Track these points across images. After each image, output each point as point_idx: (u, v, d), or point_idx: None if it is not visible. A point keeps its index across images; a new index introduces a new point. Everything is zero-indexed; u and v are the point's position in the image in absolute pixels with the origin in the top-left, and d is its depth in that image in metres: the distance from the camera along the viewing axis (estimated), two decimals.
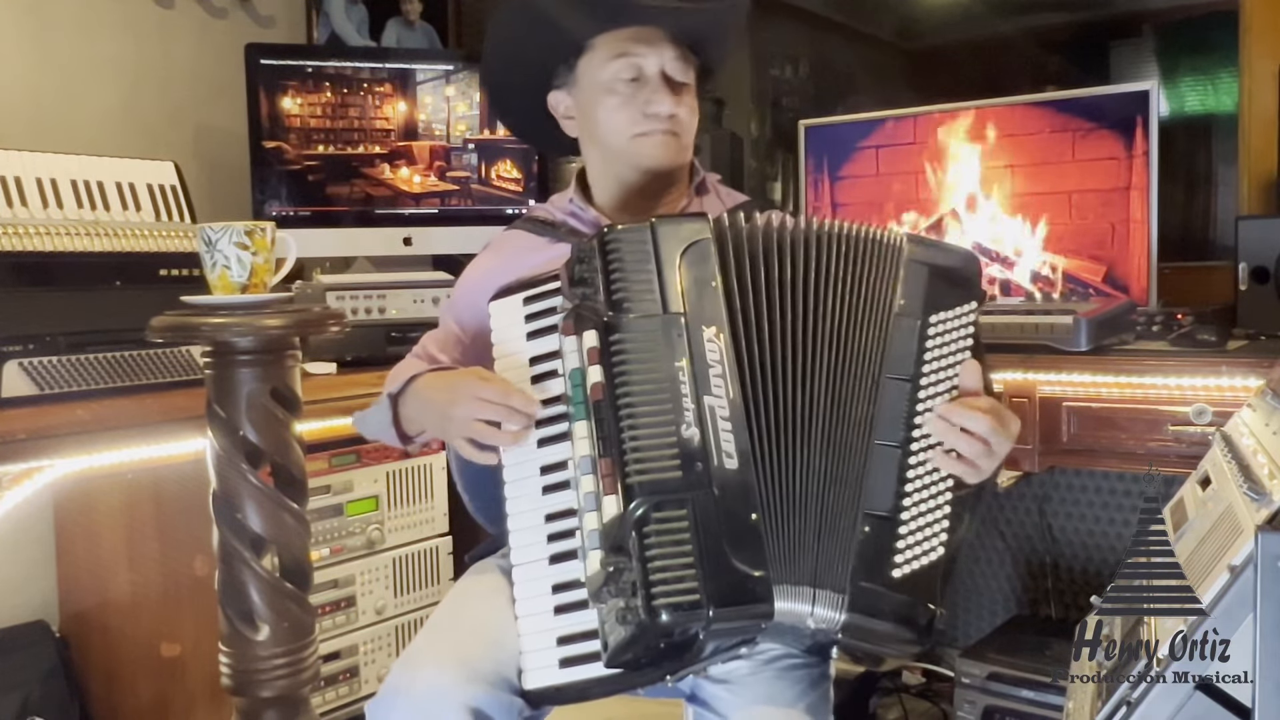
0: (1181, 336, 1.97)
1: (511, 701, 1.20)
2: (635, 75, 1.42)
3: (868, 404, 1.18)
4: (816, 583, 1.12)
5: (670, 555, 1.07)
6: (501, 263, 1.46)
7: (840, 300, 1.21)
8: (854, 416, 1.17)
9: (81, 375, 1.74)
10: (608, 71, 1.43)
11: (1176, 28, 2.67)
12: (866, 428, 1.17)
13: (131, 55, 2.55)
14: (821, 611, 1.12)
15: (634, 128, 1.42)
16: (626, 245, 1.20)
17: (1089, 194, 2.22)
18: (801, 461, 1.16)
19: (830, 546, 1.14)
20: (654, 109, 1.41)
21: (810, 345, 1.19)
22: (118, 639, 2.12)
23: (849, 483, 1.15)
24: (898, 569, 1.12)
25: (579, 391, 1.17)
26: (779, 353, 1.18)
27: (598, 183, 1.51)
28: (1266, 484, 1.15)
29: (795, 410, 1.17)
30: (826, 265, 1.22)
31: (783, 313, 1.20)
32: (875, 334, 1.20)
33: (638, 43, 1.42)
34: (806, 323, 1.20)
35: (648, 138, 1.43)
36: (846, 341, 1.20)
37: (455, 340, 1.51)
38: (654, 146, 1.43)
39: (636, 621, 1.07)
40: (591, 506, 1.14)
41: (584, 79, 1.46)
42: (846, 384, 1.18)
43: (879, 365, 1.19)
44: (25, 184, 1.87)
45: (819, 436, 1.17)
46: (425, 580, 2.29)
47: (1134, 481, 2.30)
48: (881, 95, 2.86)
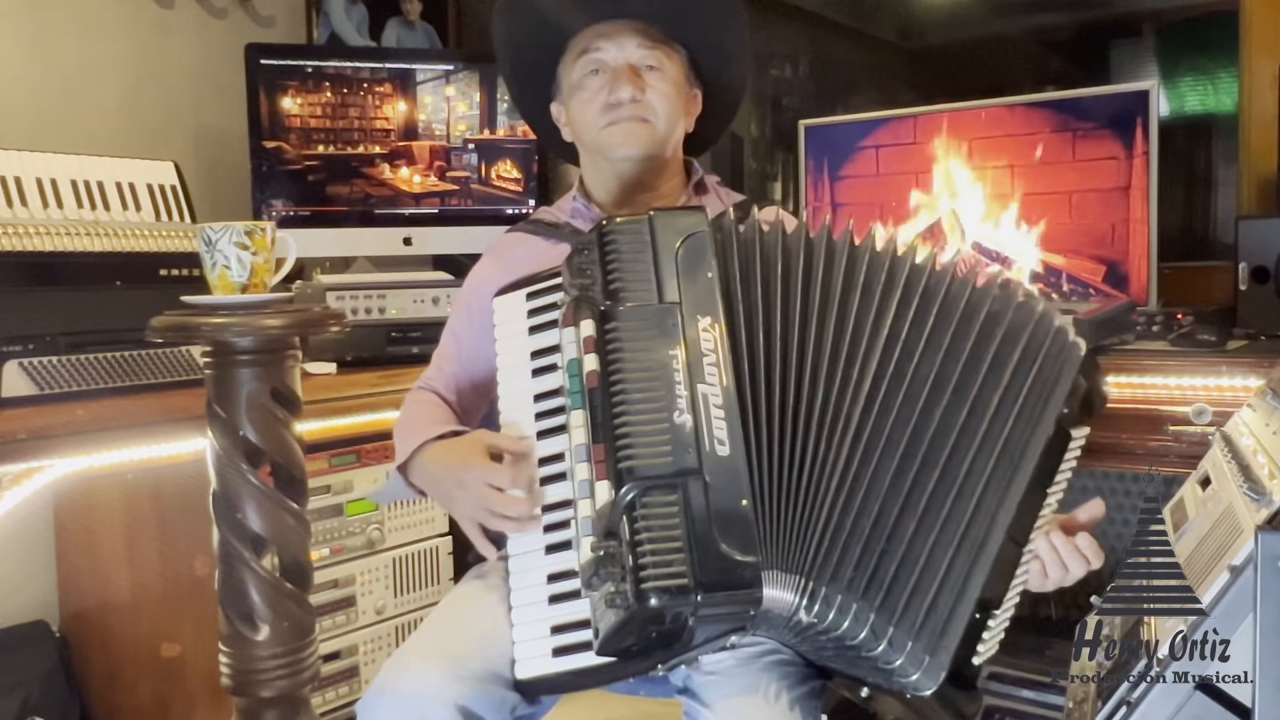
0: (1181, 336, 1.97)
1: (503, 698, 1.21)
2: (597, 69, 1.45)
3: (989, 462, 1.14)
4: (811, 574, 1.12)
5: (660, 540, 1.07)
6: (504, 264, 1.48)
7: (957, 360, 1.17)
8: (940, 443, 1.14)
9: (81, 375, 1.74)
10: (576, 70, 1.47)
11: (1176, 28, 2.67)
12: (983, 487, 1.13)
13: (131, 55, 2.55)
14: (845, 618, 1.11)
15: (601, 119, 1.45)
16: (624, 236, 1.21)
17: (1089, 194, 2.22)
18: (807, 453, 1.15)
19: (863, 547, 1.12)
20: (613, 96, 1.44)
21: (827, 343, 1.18)
22: (118, 639, 2.12)
23: (938, 516, 1.12)
24: (978, 657, 1.11)
25: (575, 381, 1.18)
26: (776, 345, 1.18)
27: (594, 184, 1.54)
28: (1266, 484, 1.15)
29: (795, 402, 1.16)
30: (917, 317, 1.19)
31: (785, 307, 1.20)
32: (1027, 426, 1.14)
33: (599, 38, 1.45)
34: (848, 326, 1.18)
35: (615, 126, 1.45)
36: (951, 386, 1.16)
37: (454, 357, 1.53)
38: (621, 134, 1.45)
39: (625, 605, 1.07)
40: (585, 494, 1.14)
41: (563, 83, 1.51)
42: (933, 407, 1.15)
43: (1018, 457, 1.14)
44: (25, 184, 1.87)
45: (848, 437, 1.15)
46: (425, 580, 2.29)
47: (1134, 481, 2.30)
48: (881, 95, 2.86)
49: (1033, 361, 1.16)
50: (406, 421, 1.46)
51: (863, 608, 1.11)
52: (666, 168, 1.51)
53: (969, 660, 1.10)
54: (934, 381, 1.16)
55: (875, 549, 1.13)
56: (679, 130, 1.50)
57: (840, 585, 1.12)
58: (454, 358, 1.53)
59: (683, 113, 1.49)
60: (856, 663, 1.14)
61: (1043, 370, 1.15)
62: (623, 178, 1.49)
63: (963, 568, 1.11)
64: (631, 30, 1.45)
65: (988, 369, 1.16)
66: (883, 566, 1.12)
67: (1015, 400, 1.15)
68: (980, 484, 1.13)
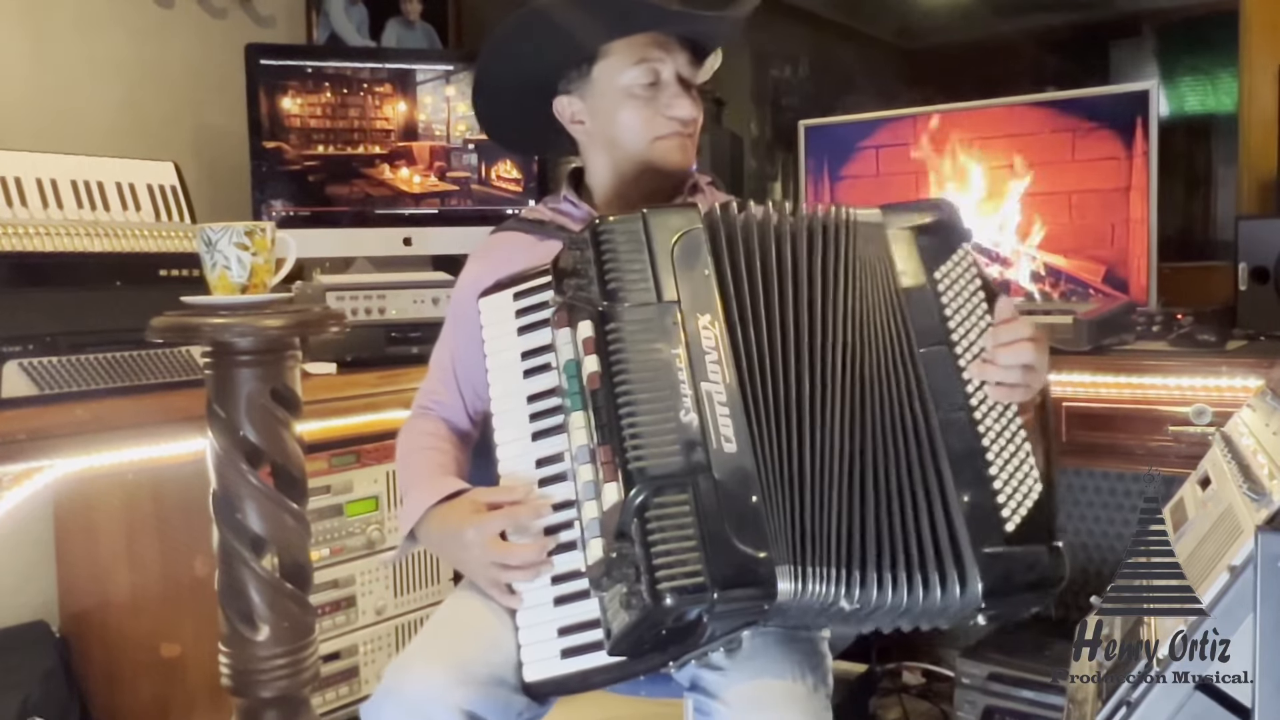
0: (1181, 336, 1.97)
1: (509, 701, 1.21)
2: (654, 80, 1.44)
3: (913, 382, 1.19)
4: (859, 564, 1.13)
5: (673, 539, 1.08)
6: (491, 267, 1.45)
7: (845, 284, 1.22)
8: (890, 394, 1.19)
9: (81, 375, 1.74)
10: (627, 77, 1.44)
11: (1176, 28, 2.67)
12: (919, 404, 1.18)
13: (131, 55, 2.55)
14: (899, 591, 1.12)
15: (654, 131, 1.44)
16: (619, 236, 1.21)
17: (1089, 194, 2.22)
18: (811, 443, 1.16)
19: (899, 527, 1.14)
20: (674, 113, 1.43)
21: (817, 329, 1.20)
22: (118, 639, 2.12)
23: (914, 463, 1.16)
24: (1008, 523, 1.13)
25: (574, 382, 1.18)
26: (776, 338, 1.19)
27: (600, 183, 1.52)
28: (1266, 484, 1.15)
29: (795, 393, 1.17)
30: (822, 252, 1.24)
31: (781, 299, 1.21)
32: (891, 311, 1.22)
33: (655, 48, 1.43)
34: (814, 308, 1.21)
35: (667, 140, 1.44)
36: (863, 323, 1.21)
37: (451, 367, 1.52)
38: (672, 150, 1.45)
39: (641, 605, 1.07)
40: (590, 495, 1.14)
41: (601, 84, 1.46)
42: (870, 363, 1.20)
43: (907, 341, 1.20)
44: (25, 184, 1.87)
45: (836, 417, 1.17)
46: (425, 580, 2.29)
47: (1134, 481, 2.30)
48: (881, 95, 2.86)
49: (870, 272, 1.24)
50: (409, 469, 1.45)
51: (888, 577, 1.13)
52: (681, 176, 1.51)
53: (1000, 531, 1.12)
54: (861, 339, 1.21)
55: (893, 519, 1.14)
56: None
57: (871, 564, 1.13)
58: (450, 368, 1.52)
59: None
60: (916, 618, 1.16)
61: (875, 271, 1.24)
62: (644, 184, 1.47)
63: (902, 474, 1.16)
64: (680, 46, 1.45)
65: (869, 303, 1.23)
66: (894, 529, 1.14)
67: (890, 316, 1.22)
68: (910, 400, 1.18)
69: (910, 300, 1.22)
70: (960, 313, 1.22)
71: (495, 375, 1.32)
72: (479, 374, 1.45)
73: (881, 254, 1.25)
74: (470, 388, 1.50)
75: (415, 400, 1.55)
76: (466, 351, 1.48)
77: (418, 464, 1.44)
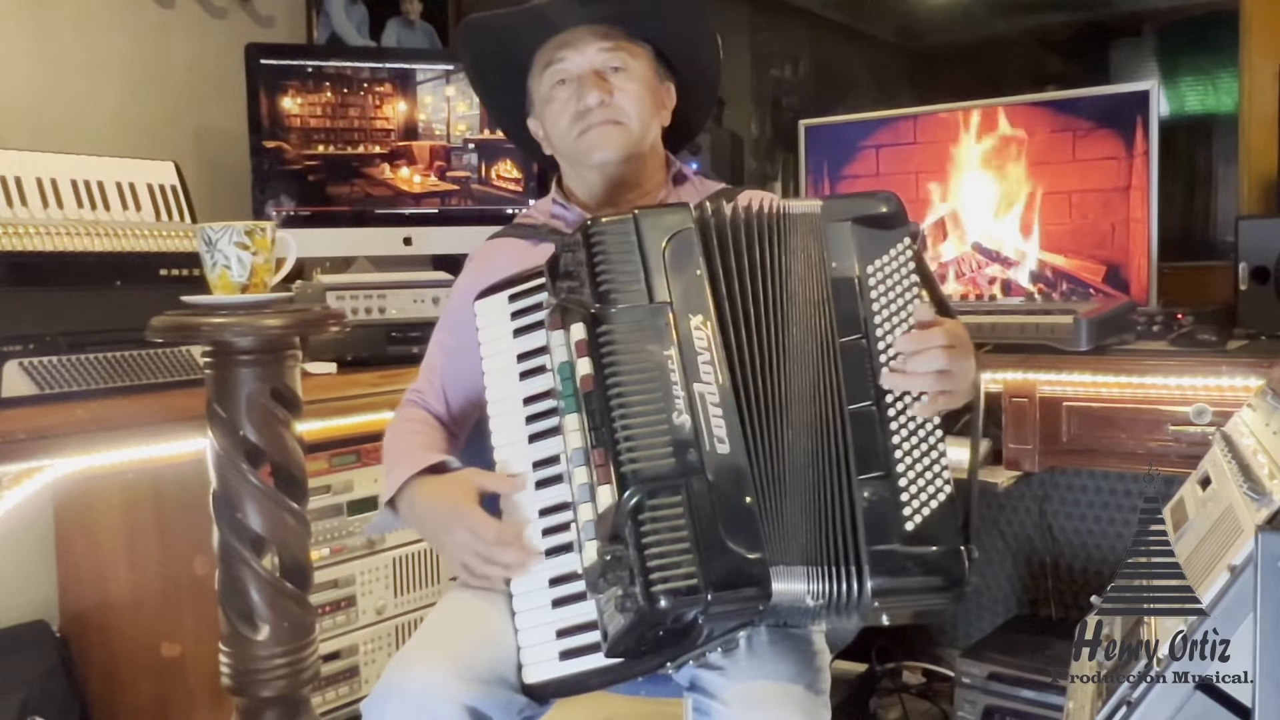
0: (1181, 336, 1.97)
1: (510, 699, 1.21)
2: (563, 79, 1.46)
3: (834, 374, 1.18)
4: (810, 561, 1.13)
5: (667, 541, 1.08)
6: (485, 274, 1.46)
7: (796, 278, 1.22)
8: (825, 390, 1.18)
9: (81, 375, 1.74)
10: (544, 84, 1.48)
11: (1176, 28, 2.67)
12: (838, 397, 1.17)
13: (131, 55, 2.55)
14: (825, 586, 1.12)
15: (574, 128, 1.46)
16: (611, 237, 1.21)
17: (1089, 194, 2.22)
18: (787, 443, 1.16)
19: (825, 524, 1.14)
20: (581, 104, 1.44)
21: (783, 327, 1.20)
22: (118, 639, 2.12)
23: (834, 458, 1.16)
24: (908, 522, 1.13)
25: (568, 385, 1.19)
26: (761, 337, 1.20)
27: (577, 188, 1.54)
28: (1266, 484, 1.15)
29: (778, 392, 1.18)
30: (785, 246, 1.23)
31: (762, 297, 1.21)
32: (821, 303, 1.21)
33: (561, 48, 1.45)
34: (778, 305, 1.21)
35: (588, 132, 1.45)
36: (804, 318, 1.21)
37: (441, 368, 1.53)
38: (597, 139, 1.45)
39: (635, 608, 1.08)
40: (586, 498, 1.15)
41: (534, 98, 1.51)
42: (814, 360, 1.19)
43: (830, 333, 1.19)
44: (25, 184, 1.87)
45: (799, 416, 1.17)
46: (425, 580, 2.29)
47: (1134, 481, 2.30)
48: (881, 95, 2.86)
49: (809, 264, 1.22)
50: (393, 449, 1.45)
51: (815, 573, 1.13)
52: (647, 164, 1.51)
53: (896, 530, 1.12)
54: (804, 333, 1.20)
55: (817, 515, 1.15)
56: (654, 126, 1.50)
57: (811, 561, 1.13)
58: (441, 369, 1.52)
59: (656, 108, 1.49)
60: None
61: (811, 262, 1.22)
62: (607, 179, 1.49)
63: (834, 471, 1.15)
64: (592, 35, 1.45)
65: (809, 296, 1.21)
66: (815, 526, 1.14)
67: (819, 308, 1.21)
68: (829, 394, 1.17)
69: (837, 290, 1.20)
70: (889, 307, 1.20)
71: (492, 377, 1.32)
72: (467, 381, 1.45)
73: (818, 245, 1.23)
74: (457, 393, 1.50)
75: (404, 398, 1.56)
76: (454, 360, 1.48)
77: (401, 441, 1.45)
